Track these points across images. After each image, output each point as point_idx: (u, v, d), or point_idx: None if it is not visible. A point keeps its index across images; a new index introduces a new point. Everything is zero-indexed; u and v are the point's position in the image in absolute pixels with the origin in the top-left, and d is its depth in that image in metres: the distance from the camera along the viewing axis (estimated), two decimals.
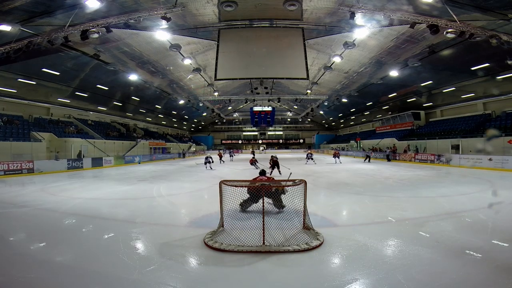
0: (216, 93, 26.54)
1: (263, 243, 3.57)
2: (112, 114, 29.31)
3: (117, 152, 23.42)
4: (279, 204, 5.22)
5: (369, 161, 21.20)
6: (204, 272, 3.05)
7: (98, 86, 20.77)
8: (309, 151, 22.12)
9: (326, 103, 31.84)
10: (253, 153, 26.12)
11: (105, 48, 15.31)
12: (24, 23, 10.76)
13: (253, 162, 16.72)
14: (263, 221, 3.70)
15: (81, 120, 24.61)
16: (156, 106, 30.69)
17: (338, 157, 20.90)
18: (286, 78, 15.94)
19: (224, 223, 4.24)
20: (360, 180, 10.43)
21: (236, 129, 55.40)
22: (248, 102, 28.40)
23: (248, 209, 5.15)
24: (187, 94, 27.31)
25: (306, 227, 4.12)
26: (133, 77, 19.69)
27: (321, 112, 39.85)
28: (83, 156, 18.48)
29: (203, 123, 51.53)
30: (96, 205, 6.39)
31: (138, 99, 26.33)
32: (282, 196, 5.12)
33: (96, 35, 11.82)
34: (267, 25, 14.00)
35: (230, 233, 3.98)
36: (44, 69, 16.04)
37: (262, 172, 6.09)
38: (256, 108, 25.80)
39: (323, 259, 3.29)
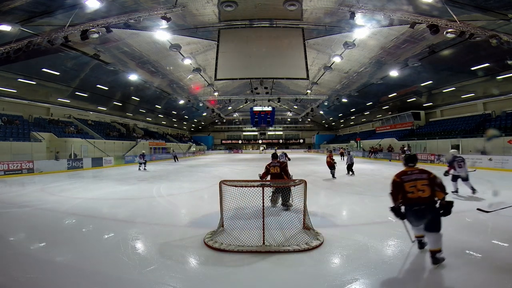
0: (216, 93, 26.55)
1: (263, 243, 3.56)
2: (112, 114, 29.31)
3: (117, 152, 23.41)
4: (286, 201, 5.41)
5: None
6: (204, 272, 3.05)
7: (98, 86, 20.79)
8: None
9: (326, 103, 31.85)
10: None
11: (105, 48, 15.31)
12: (24, 23, 10.75)
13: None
14: (263, 221, 3.70)
15: (81, 120, 24.61)
16: (156, 106, 30.71)
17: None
18: (286, 78, 15.96)
19: (224, 223, 4.24)
20: (360, 180, 10.43)
21: (236, 129, 55.41)
22: (248, 102, 28.40)
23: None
24: (187, 94, 27.31)
25: (306, 227, 4.12)
26: (133, 77, 19.70)
27: (321, 112, 39.86)
28: (76, 156, 18.35)
29: (203, 123, 51.53)
30: (96, 205, 6.39)
31: (138, 99, 26.35)
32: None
33: (96, 35, 11.83)
34: (267, 25, 14.00)
35: (230, 233, 3.98)
36: (44, 69, 16.05)
37: (275, 156, 6.25)
38: (256, 108, 25.81)
39: (323, 259, 3.29)
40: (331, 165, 11.09)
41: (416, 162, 3.36)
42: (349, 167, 11.97)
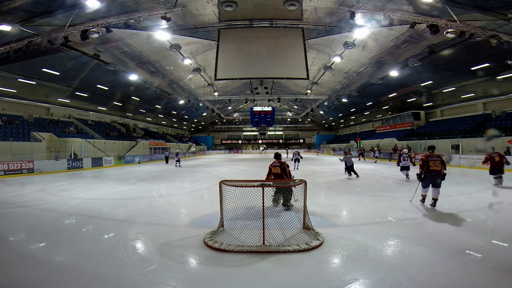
0: (216, 93, 26.55)
1: (263, 243, 3.57)
2: (112, 114, 29.33)
3: (117, 152, 23.42)
4: (287, 202, 5.47)
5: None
6: (204, 272, 3.05)
7: (98, 86, 20.78)
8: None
9: (326, 103, 31.86)
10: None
11: (105, 48, 15.31)
12: (24, 23, 10.76)
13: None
14: (263, 221, 3.70)
15: (81, 120, 24.62)
16: (156, 106, 30.71)
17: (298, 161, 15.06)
18: (286, 78, 15.95)
19: (224, 223, 4.24)
20: (360, 180, 10.43)
21: (236, 129, 55.45)
22: (248, 102, 28.42)
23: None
24: (187, 94, 27.32)
25: (306, 227, 4.12)
26: (133, 77, 19.70)
27: (321, 112, 39.87)
28: (76, 156, 18.34)
29: (203, 123, 51.55)
30: (96, 205, 6.39)
31: (138, 99, 26.34)
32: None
33: (96, 35, 11.82)
34: (267, 25, 14.00)
35: (230, 233, 3.98)
36: (44, 69, 16.04)
37: (277, 156, 6.36)
38: (256, 108, 25.82)
39: (323, 259, 3.29)
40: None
41: (434, 149, 5.91)
42: (349, 169, 11.26)
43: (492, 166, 8.16)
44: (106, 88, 21.63)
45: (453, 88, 20.18)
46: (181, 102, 29.12)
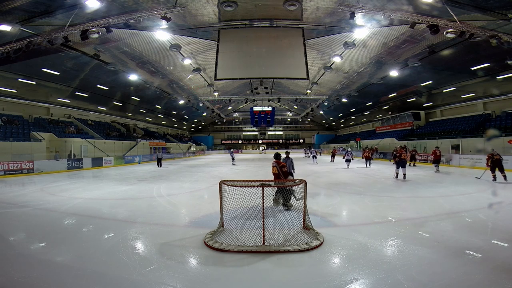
0: (216, 93, 26.55)
1: (263, 243, 3.57)
2: (112, 114, 29.32)
3: (117, 152, 23.41)
4: (286, 202, 5.51)
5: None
6: (204, 272, 3.05)
7: (98, 86, 20.77)
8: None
9: (326, 103, 31.85)
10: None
11: (105, 48, 15.30)
12: (24, 23, 10.75)
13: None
14: (263, 221, 3.70)
15: (81, 120, 24.61)
16: (156, 106, 30.70)
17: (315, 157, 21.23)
18: (286, 78, 15.94)
19: (224, 223, 4.24)
20: (360, 180, 10.43)
21: (236, 129, 55.44)
22: (248, 102, 28.41)
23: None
24: (187, 94, 27.31)
25: (306, 227, 4.12)
26: (133, 77, 19.69)
27: (321, 112, 39.86)
28: (74, 156, 18.33)
29: (203, 123, 51.53)
30: (96, 205, 6.39)
31: (138, 99, 26.33)
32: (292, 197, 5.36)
33: (96, 35, 11.81)
34: (267, 25, 14.00)
35: (230, 233, 3.99)
36: (44, 69, 16.03)
37: (276, 156, 6.40)
38: (256, 108, 25.80)
39: (323, 259, 3.29)
40: (369, 158, 16.65)
41: (405, 147, 14.96)
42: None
43: (435, 158, 13.36)
44: (106, 88, 21.62)
45: (453, 88, 20.17)
46: (181, 102, 29.11)
